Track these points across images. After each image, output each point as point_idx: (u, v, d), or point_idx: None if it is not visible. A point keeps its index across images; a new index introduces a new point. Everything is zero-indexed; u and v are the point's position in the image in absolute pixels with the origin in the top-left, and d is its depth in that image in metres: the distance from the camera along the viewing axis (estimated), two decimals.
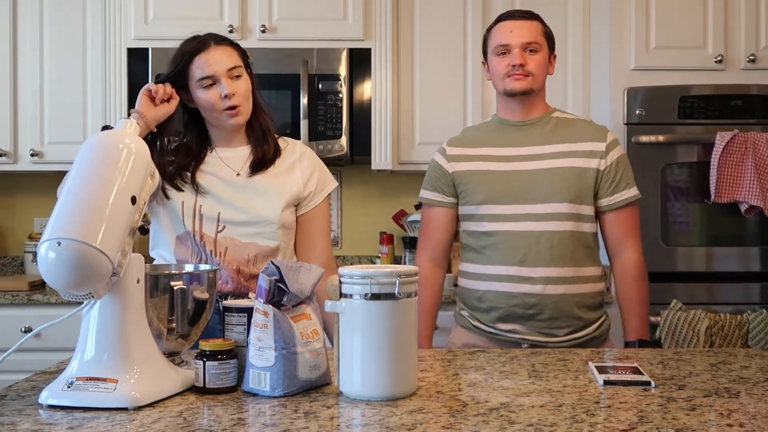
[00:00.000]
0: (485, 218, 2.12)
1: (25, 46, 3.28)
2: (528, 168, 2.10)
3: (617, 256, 2.16)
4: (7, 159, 3.28)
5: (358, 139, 3.24)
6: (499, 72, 2.12)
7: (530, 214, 2.07)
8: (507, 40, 2.10)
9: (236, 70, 1.93)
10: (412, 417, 1.22)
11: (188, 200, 1.94)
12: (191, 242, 1.93)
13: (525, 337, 2.08)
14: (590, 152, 2.10)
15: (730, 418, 1.23)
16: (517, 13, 2.16)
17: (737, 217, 2.99)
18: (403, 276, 1.33)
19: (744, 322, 2.87)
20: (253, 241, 1.94)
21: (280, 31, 3.23)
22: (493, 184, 2.11)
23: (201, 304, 1.47)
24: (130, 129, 1.45)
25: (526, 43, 2.09)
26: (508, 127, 2.18)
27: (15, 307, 3.00)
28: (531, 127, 2.15)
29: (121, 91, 3.22)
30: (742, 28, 3.09)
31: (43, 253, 1.23)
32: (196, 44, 1.93)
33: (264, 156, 1.98)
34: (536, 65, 2.10)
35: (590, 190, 2.10)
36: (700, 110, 3.03)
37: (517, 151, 2.13)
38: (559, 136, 2.13)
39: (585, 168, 2.09)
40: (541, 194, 2.07)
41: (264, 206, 1.95)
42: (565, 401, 1.32)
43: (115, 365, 1.30)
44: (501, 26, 2.14)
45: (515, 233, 2.08)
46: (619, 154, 2.13)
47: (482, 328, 2.12)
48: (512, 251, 2.07)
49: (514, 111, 2.17)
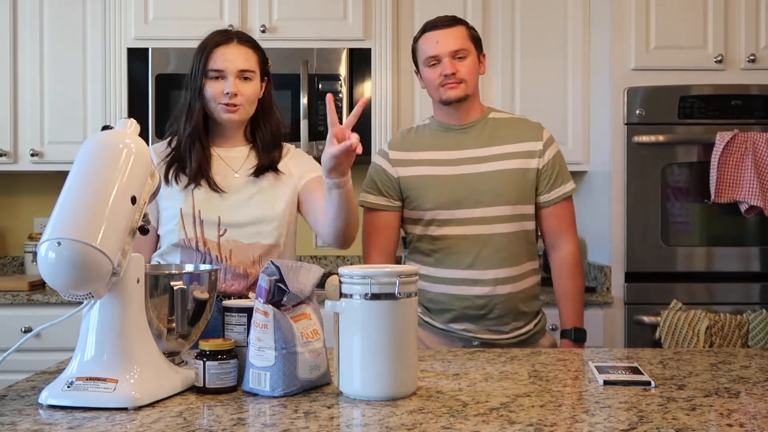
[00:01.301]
0: (434, 223, 2.15)
1: (25, 46, 3.27)
2: (471, 171, 2.14)
3: (554, 249, 2.23)
4: (7, 159, 3.28)
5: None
6: (433, 82, 2.15)
7: (477, 218, 2.12)
8: (435, 51, 2.13)
9: (247, 73, 1.94)
10: (412, 417, 1.22)
11: (186, 205, 1.93)
12: (194, 249, 1.93)
13: (476, 336, 2.14)
14: (529, 152, 2.16)
15: (730, 418, 1.23)
16: (440, 22, 2.17)
17: (737, 217, 2.99)
18: (403, 276, 1.33)
19: (744, 322, 2.87)
20: (257, 241, 1.94)
21: (280, 31, 3.23)
22: (440, 189, 2.14)
23: (201, 304, 1.47)
24: (130, 129, 1.45)
25: (454, 51, 2.12)
26: (448, 131, 2.20)
27: (15, 307, 3.00)
28: (470, 130, 2.19)
29: (121, 91, 3.22)
30: (742, 28, 3.09)
31: (43, 253, 1.23)
32: (219, 38, 1.96)
33: (272, 162, 1.99)
34: (467, 71, 2.13)
35: (532, 190, 2.17)
36: (700, 110, 3.03)
37: (459, 155, 2.16)
38: (498, 138, 2.17)
39: (526, 169, 2.16)
40: (486, 198, 2.12)
41: (263, 204, 1.96)
42: (565, 401, 1.32)
43: (115, 365, 1.30)
44: (427, 37, 2.16)
45: (464, 237, 2.12)
46: (555, 151, 2.21)
47: (435, 326, 2.17)
48: (462, 255, 2.12)
49: (451, 116, 2.20)
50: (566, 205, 2.21)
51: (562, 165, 2.21)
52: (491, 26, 3.31)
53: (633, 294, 3.03)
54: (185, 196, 1.94)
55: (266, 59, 2.02)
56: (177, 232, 1.94)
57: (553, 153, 2.19)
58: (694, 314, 2.88)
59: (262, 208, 1.95)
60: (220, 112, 1.94)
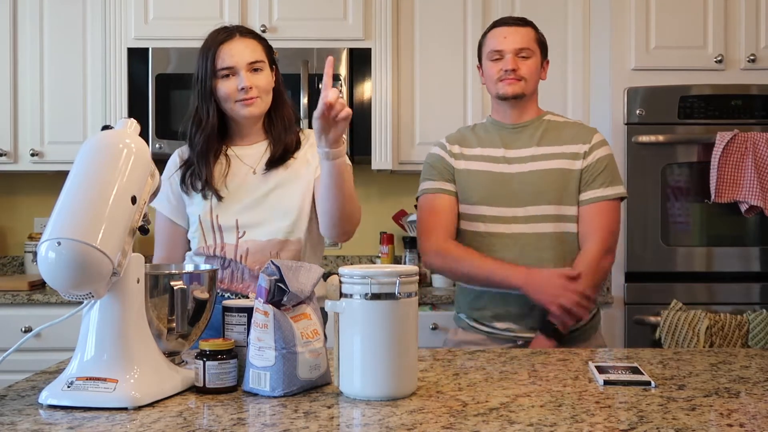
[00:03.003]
0: (479, 219, 2.17)
1: (25, 46, 3.28)
2: (516, 170, 2.15)
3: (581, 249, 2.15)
4: (7, 159, 3.28)
5: (358, 138, 3.24)
6: (492, 76, 2.17)
7: (519, 217, 2.13)
8: (500, 46, 2.15)
9: (257, 64, 1.93)
10: (412, 417, 1.22)
11: (204, 212, 1.93)
12: (213, 256, 1.93)
13: (519, 335, 2.13)
14: (574, 154, 2.15)
15: (730, 418, 1.23)
16: (511, 20, 2.22)
17: (737, 217, 2.99)
18: (404, 276, 1.33)
19: (744, 322, 2.87)
20: (274, 237, 1.92)
21: (280, 31, 3.23)
22: (485, 186, 2.16)
23: (201, 304, 1.47)
24: (130, 129, 1.45)
25: (519, 49, 2.14)
26: (501, 129, 2.22)
27: (15, 307, 3.00)
28: (522, 130, 2.20)
29: (121, 91, 3.22)
30: (742, 28, 3.09)
31: (43, 252, 1.23)
32: (222, 35, 1.93)
33: (285, 150, 1.96)
34: (528, 70, 2.15)
35: (575, 192, 2.14)
36: (700, 110, 3.03)
37: (507, 153, 2.18)
38: (547, 140, 2.18)
39: (569, 170, 2.14)
40: (528, 197, 2.13)
41: (280, 200, 1.93)
42: (565, 401, 1.32)
43: (115, 365, 1.30)
44: (495, 32, 2.19)
45: (505, 235, 2.13)
46: (602, 154, 2.16)
47: (479, 328, 2.17)
48: (504, 253, 2.12)
49: (506, 114, 2.22)
50: (603, 208, 2.13)
51: (608, 168, 2.15)
52: None
53: (633, 294, 3.03)
54: (203, 203, 1.94)
55: (271, 48, 2.01)
56: (197, 240, 1.95)
57: (600, 156, 2.15)
58: (694, 314, 2.88)
59: (278, 204, 1.93)
60: (239, 109, 1.92)
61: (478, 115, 3.27)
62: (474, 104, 3.31)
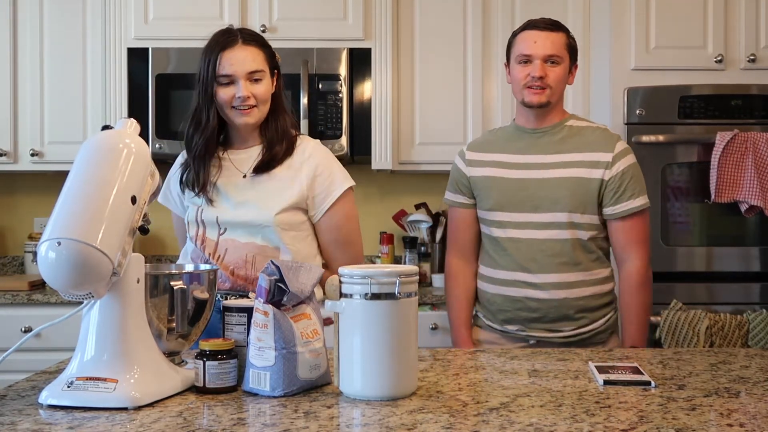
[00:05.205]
0: (494, 224, 2.18)
1: (25, 46, 3.27)
2: (534, 177, 2.14)
3: (621, 264, 2.18)
4: (7, 159, 3.28)
5: (358, 139, 3.24)
6: (519, 81, 2.15)
7: (533, 223, 2.13)
8: (530, 51, 2.12)
9: (257, 74, 1.92)
10: (412, 417, 1.22)
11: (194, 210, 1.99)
12: (195, 245, 1.98)
13: (531, 334, 2.16)
14: (595, 162, 2.13)
15: (730, 418, 1.23)
16: (542, 24, 2.16)
17: (737, 217, 2.99)
18: (403, 276, 1.33)
19: (744, 322, 2.87)
20: (252, 241, 1.93)
21: (280, 31, 3.23)
22: (501, 191, 2.16)
23: (201, 304, 1.47)
24: (130, 129, 1.45)
25: (548, 56, 2.11)
26: (522, 134, 2.21)
27: (15, 307, 3.00)
28: (543, 135, 2.19)
29: (121, 91, 3.22)
30: (742, 28, 3.09)
31: (43, 252, 1.23)
32: (224, 40, 1.93)
33: (273, 157, 1.96)
34: (556, 78, 2.13)
35: (593, 200, 2.13)
36: (700, 110, 3.03)
37: (526, 159, 2.17)
38: (568, 146, 2.16)
39: (588, 178, 2.12)
40: (544, 204, 2.12)
41: (261, 207, 1.94)
42: (565, 401, 1.32)
43: (115, 365, 1.30)
44: (526, 35, 2.15)
45: (519, 240, 2.14)
46: (627, 164, 2.14)
47: (494, 327, 2.21)
48: (517, 258, 2.13)
49: (529, 119, 2.21)
50: (635, 220, 2.14)
51: (634, 179, 2.14)
52: (491, 26, 3.31)
53: None
54: (197, 201, 1.99)
55: (273, 54, 2.00)
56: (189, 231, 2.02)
57: (625, 166, 2.13)
58: (694, 314, 2.88)
59: (259, 210, 1.94)
60: (235, 116, 1.94)
61: (478, 115, 3.27)
62: (474, 104, 3.31)
